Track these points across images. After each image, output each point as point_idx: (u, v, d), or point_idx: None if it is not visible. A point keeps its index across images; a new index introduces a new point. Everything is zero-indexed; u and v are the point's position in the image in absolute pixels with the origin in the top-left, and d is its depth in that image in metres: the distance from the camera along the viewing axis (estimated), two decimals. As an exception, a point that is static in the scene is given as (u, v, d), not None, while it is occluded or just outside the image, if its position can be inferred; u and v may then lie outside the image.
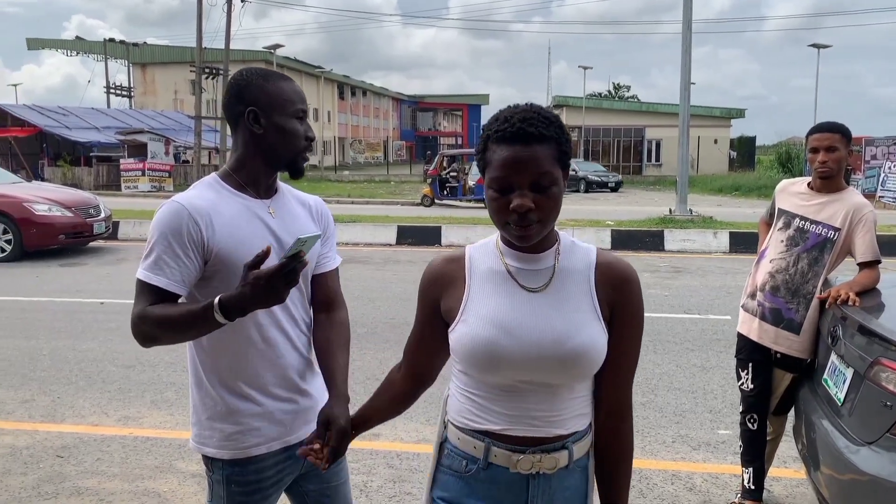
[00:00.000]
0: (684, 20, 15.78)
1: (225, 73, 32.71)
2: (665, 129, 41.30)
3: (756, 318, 3.37)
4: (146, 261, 1.72)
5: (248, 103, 1.77)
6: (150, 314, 1.67)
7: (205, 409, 1.85)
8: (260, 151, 1.80)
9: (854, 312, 2.83)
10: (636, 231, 13.80)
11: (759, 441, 3.45)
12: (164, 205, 1.75)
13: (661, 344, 6.62)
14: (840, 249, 3.20)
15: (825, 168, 3.21)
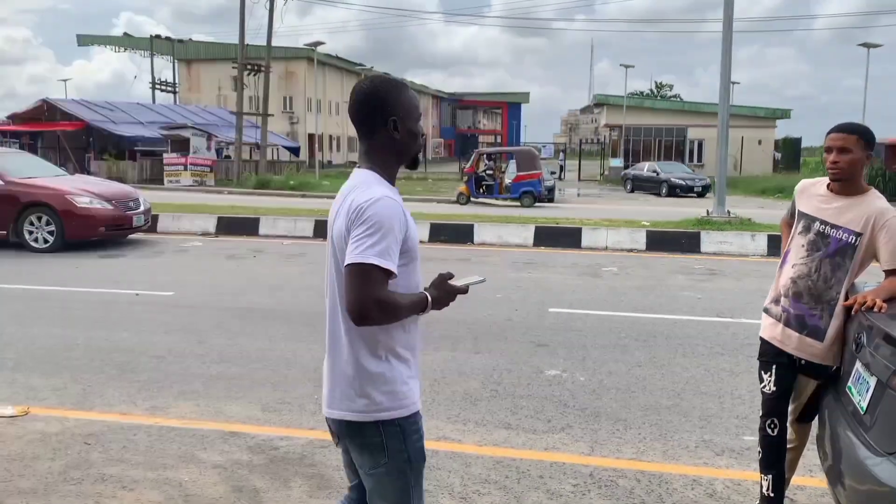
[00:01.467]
0: (725, 18, 15.50)
1: (266, 69, 33.11)
2: (707, 129, 40.52)
3: (780, 323, 3.29)
4: (375, 247, 1.95)
5: (390, 113, 2.09)
6: (387, 298, 1.97)
7: (377, 381, 2.09)
8: (396, 152, 2.15)
9: (879, 320, 2.76)
10: (672, 232, 13.60)
11: (779, 447, 3.37)
12: (381, 200, 2.00)
13: (689, 347, 6.52)
14: (864, 255, 3.11)
15: (835, 169, 3.12)
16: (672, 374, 5.77)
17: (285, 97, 56.01)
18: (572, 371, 5.78)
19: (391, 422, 2.10)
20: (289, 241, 13.86)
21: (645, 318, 7.64)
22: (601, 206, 23.87)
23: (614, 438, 4.49)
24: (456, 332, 6.94)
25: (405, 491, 2.15)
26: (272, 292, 8.81)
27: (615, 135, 47.46)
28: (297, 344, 6.50)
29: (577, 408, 5.00)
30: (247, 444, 4.32)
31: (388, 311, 2.00)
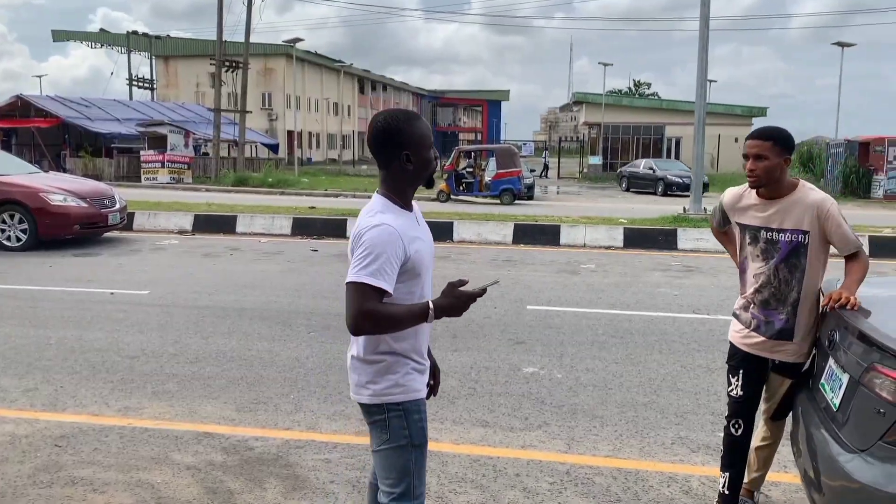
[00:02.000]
0: (701, 17, 15.61)
1: (245, 66, 32.85)
2: (685, 126, 40.75)
3: (749, 329, 3.31)
4: (368, 268, 2.18)
5: (403, 147, 2.29)
6: (378, 311, 2.18)
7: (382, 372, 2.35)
8: (409, 179, 2.34)
9: (851, 317, 2.77)
10: (649, 229, 13.68)
11: (741, 448, 3.37)
12: (379, 227, 2.22)
13: (666, 344, 6.55)
14: (816, 248, 3.14)
15: (752, 176, 3.14)
16: (648, 370, 5.80)
17: (264, 94, 55.63)
18: (550, 368, 5.78)
19: (395, 404, 2.35)
20: (266, 239, 13.76)
21: (622, 315, 7.67)
22: (580, 203, 23.98)
23: (591, 436, 4.49)
24: (433, 330, 6.88)
25: (406, 469, 2.36)
26: (248, 291, 8.74)
27: (594, 132, 47.63)
28: (273, 343, 6.45)
29: (554, 405, 5.00)
30: (221, 445, 4.27)
31: (381, 323, 2.22)
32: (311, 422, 4.66)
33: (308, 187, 28.47)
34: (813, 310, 3.20)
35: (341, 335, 6.71)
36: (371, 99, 73.52)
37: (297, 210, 16.68)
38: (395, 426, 2.35)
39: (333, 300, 8.23)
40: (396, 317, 2.23)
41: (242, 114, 33.11)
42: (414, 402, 2.39)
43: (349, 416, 4.74)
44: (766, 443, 3.50)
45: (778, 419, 3.45)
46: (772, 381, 3.35)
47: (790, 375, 3.31)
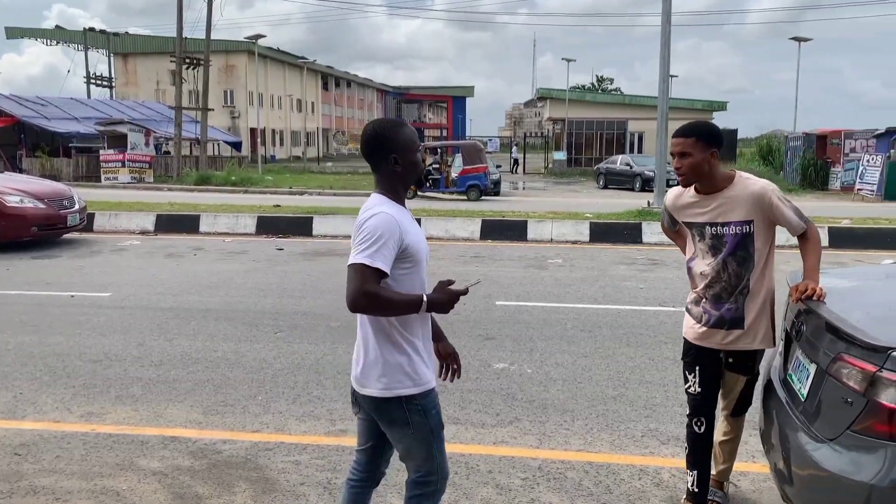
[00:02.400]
0: (663, 12, 15.76)
1: (206, 63, 32.36)
2: (647, 121, 41.26)
3: (702, 324, 3.29)
4: (367, 251, 2.37)
5: (390, 151, 2.53)
6: (376, 292, 2.36)
7: (398, 365, 2.53)
8: (400, 179, 2.58)
9: (817, 308, 2.80)
10: (614, 224, 13.79)
11: (706, 444, 3.36)
12: (378, 215, 2.43)
13: (633, 336, 6.60)
14: (763, 235, 3.14)
15: (679, 174, 3.15)
16: (617, 363, 5.83)
17: (226, 91, 54.96)
18: (520, 363, 5.78)
19: (416, 397, 2.55)
20: (230, 238, 13.58)
21: (590, 309, 7.72)
22: (546, 198, 24.10)
23: (562, 430, 4.50)
24: (403, 328, 6.88)
25: (430, 453, 2.62)
26: (213, 291, 8.61)
27: (558, 128, 47.89)
28: (239, 344, 6.35)
29: (525, 400, 5.00)
30: (188, 449, 4.19)
31: (377, 303, 2.40)
32: (280, 423, 4.59)
33: (272, 185, 28.18)
34: (766, 297, 3.21)
35: (308, 335, 6.64)
36: (335, 95, 73.04)
37: (261, 209, 16.49)
38: (416, 420, 2.56)
39: (300, 299, 8.15)
40: (392, 301, 2.42)
41: (204, 111, 32.64)
42: (429, 394, 2.59)
43: (318, 416, 4.69)
44: (729, 437, 3.50)
45: (738, 415, 3.46)
46: (727, 379, 3.36)
47: (744, 372, 3.32)
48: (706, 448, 3.38)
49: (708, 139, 3.10)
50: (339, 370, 5.61)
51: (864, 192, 23.41)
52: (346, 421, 4.60)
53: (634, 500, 3.63)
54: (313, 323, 7.08)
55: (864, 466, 2.30)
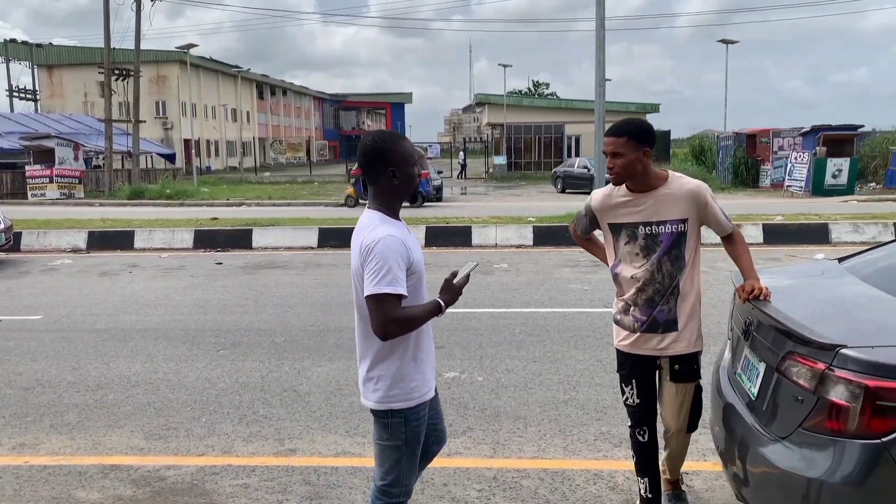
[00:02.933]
0: (597, 17, 15.99)
1: (136, 73, 31.50)
2: (583, 125, 41.96)
3: (635, 333, 3.21)
4: (385, 279, 2.44)
5: (388, 164, 2.55)
6: (402, 316, 2.47)
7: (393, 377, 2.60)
8: (396, 193, 2.61)
9: (764, 307, 2.83)
10: (557, 227, 13.90)
11: (651, 451, 3.33)
12: (385, 238, 2.47)
13: (581, 339, 6.64)
14: (695, 235, 3.12)
15: (612, 174, 3.10)
16: (566, 367, 5.85)
17: (158, 102, 53.64)
18: (470, 372, 5.75)
19: (398, 411, 2.61)
20: (167, 253, 13.21)
21: (537, 313, 7.74)
22: (489, 203, 24.21)
23: (516, 438, 4.47)
24: (350, 341, 6.76)
25: (398, 463, 2.67)
26: (151, 310, 8.33)
27: (497, 133, 48.26)
28: (180, 364, 6.15)
29: (478, 409, 4.96)
30: (130, 477, 4.01)
31: (406, 325, 2.52)
32: (227, 445, 4.44)
33: (208, 197, 27.57)
34: (696, 298, 3.16)
35: (253, 352, 6.47)
36: (271, 104, 72.06)
37: (198, 222, 16.10)
38: (394, 430, 2.64)
39: (242, 315, 7.95)
40: (418, 317, 2.54)
41: (136, 124, 31.74)
42: (413, 409, 2.63)
43: (266, 436, 4.55)
44: (677, 448, 3.42)
45: (693, 430, 3.36)
46: (676, 392, 3.24)
47: (692, 377, 3.23)
48: (653, 454, 3.36)
49: (639, 138, 3.04)
50: (286, 387, 5.48)
51: (793, 189, 24.22)
52: (294, 440, 4.49)
53: (590, 505, 3.62)
54: (257, 339, 6.91)
55: (815, 463, 2.33)
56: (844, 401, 2.26)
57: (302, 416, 4.90)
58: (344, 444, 4.41)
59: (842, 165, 23.58)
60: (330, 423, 4.75)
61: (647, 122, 3.20)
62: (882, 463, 2.20)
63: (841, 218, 14.26)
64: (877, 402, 2.20)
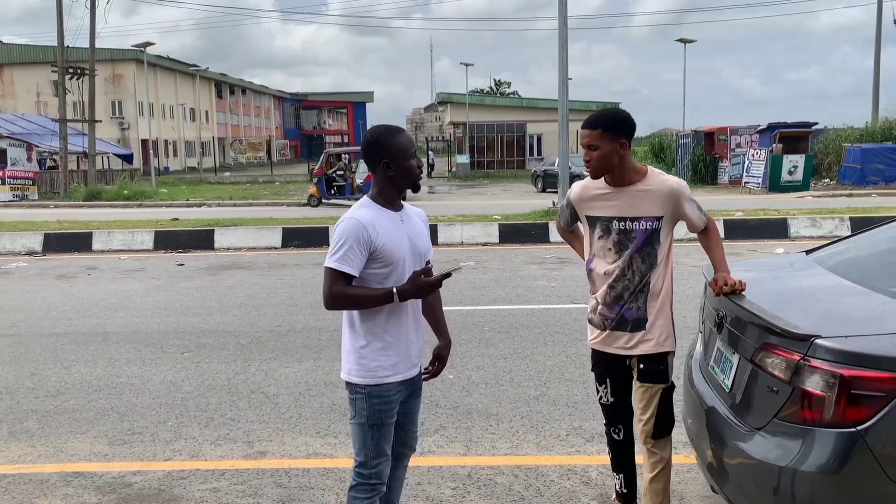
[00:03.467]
0: (560, 17, 16.09)
1: (91, 72, 30.80)
2: (545, 123, 42.25)
3: (605, 331, 3.14)
4: (335, 255, 2.59)
5: (383, 156, 2.67)
6: (343, 292, 2.60)
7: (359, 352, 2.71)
8: (391, 184, 2.71)
9: (737, 299, 2.85)
10: (522, 224, 13.98)
11: (627, 448, 3.30)
12: (346, 220, 2.63)
13: (550, 336, 6.66)
14: (668, 232, 3.04)
15: (588, 167, 3.02)
16: (536, 363, 5.86)
17: (114, 102, 52.59)
18: (440, 370, 5.71)
19: (361, 386, 2.71)
20: (127, 255, 12.94)
21: (505, 310, 7.75)
22: (453, 202, 24.21)
23: (488, 435, 4.46)
24: (318, 341, 6.71)
25: (364, 443, 2.75)
26: (112, 313, 8.14)
27: (460, 132, 48.34)
28: (144, 367, 6.01)
29: (449, 407, 4.94)
30: (94, 484, 3.90)
31: (345, 301, 2.63)
32: (194, 449, 4.35)
33: (168, 198, 27.11)
34: (666, 297, 3.07)
35: (218, 354, 6.36)
36: (230, 103, 71.12)
37: (158, 223, 15.81)
38: (359, 406, 2.73)
39: (206, 316, 7.81)
40: (359, 297, 2.63)
41: (91, 123, 31.05)
42: (377, 386, 2.70)
43: (235, 439, 4.47)
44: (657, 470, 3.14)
45: (660, 436, 3.14)
46: (643, 394, 3.11)
47: (657, 379, 3.08)
48: (629, 452, 3.31)
49: (615, 129, 2.95)
50: (254, 389, 5.39)
51: (751, 185, 24.69)
52: (264, 442, 4.41)
53: (565, 500, 3.62)
54: (222, 341, 6.79)
55: (791, 453, 2.35)
56: (819, 390, 2.28)
57: (271, 417, 4.83)
58: (315, 445, 4.35)
59: (797, 162, 24.09)
60: (300, 425, 4.68)
61: (626, 112, 3.08)
62: (857, 451, 2.23)
63: (799, 213, 14.57)
64: (851, 391, 2.23)
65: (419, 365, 2.87)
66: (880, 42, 32.16)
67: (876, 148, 25.42)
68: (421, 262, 2.81)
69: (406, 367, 2.77)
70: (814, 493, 2.31)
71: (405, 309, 2.74)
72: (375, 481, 2.77)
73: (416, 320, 2.82)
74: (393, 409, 2.76)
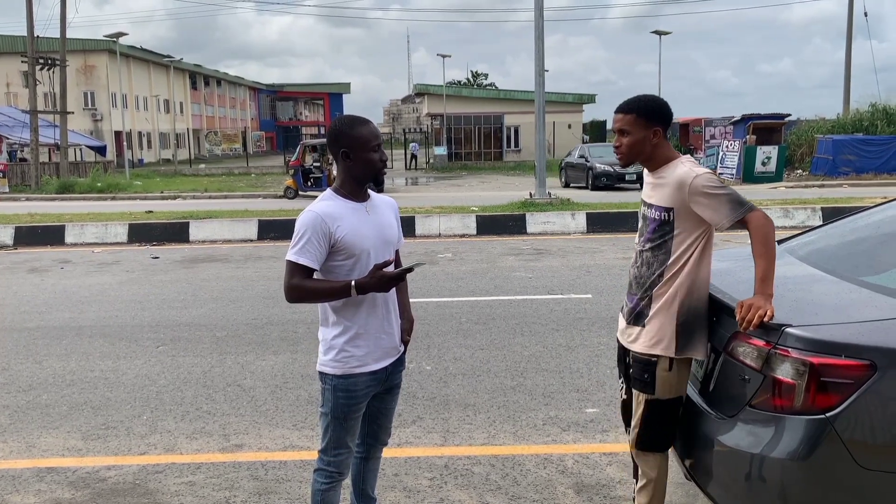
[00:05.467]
0: (536, 7, 16.11)
1: (62, 63, 30.30)
2: (522, 115, 42.29)
3: (622, 319, 2.99)
4: (294, 248, 2.59)
5: (342, 146, 2.66)
6: (301, 284, 2.59)
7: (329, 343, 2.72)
8: (352, 175, 2.70)
9: (712, 289, 2.88)
10: (500, 216, 14.00)
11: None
12: (304, 213, 2.63)
13: (527, 326, 6.69)
14: (687, 228, 2.72)
15: (618, 153, 2.86)
16: (513, 353, 5.89)
17: (86, 93, 51.79)
18: (418, 361, 5.72)
19: (329, 376, 2.73)
20: (100, 248, 12.78)
21: (483, 301, 7.77)
22: (430, 193, 24.18)
23: (465, 425, 4.47)
24: (295, 333, 6.68)
25: (326, 431, 2.79)
26: (85, 306, 8.04)
27: (437, 123, 48.24)
28: (118, 361, 5.95)
29: (427, 398, 4.95)
30: (67, 480, 3.86)
31: (303, 294, 2.62)
32: (170, 443, 4.32)
33: (142, 191, 26.79)
34: (678, 303, 2.74)
35: (194, 347, 6.32)
36: (205, 94, 70.38)
37: (132, 216, 15.64)
38: (327, 396, 2.76)
39: (181, 310, 7.74)
40: (317, 290, 2.63)
41: (63, 115, 30.57)
42: (345, 378, 2.71)
43: (211, 433, 4.44)
44: (643, 482, 2.93)
45: (643, 448, 2.90)
46: (634, 397, 2.90)
47: (639, 387, 2.83)
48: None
49: (649, 116, 2.76)
50: (230, 382, 5.36)
51: (725, 176, 24.93)
52: (240, 435, 4.39)
53: (541, 489, 3.65)
54: (198, 334, 6.74)
55: (762, 440, 2.39)
56: (790, 378, 2.32)
57: (247, 410, 4.80)
58: (291, 438, 4.34)
59: (770, 153, 24.37)
60: (276, 417, 4.67)
61: (663, 99, 2.87)
62: (826, 438, 2.27)
63: (772, 203, 14.73)
64: (821, 379, 2.27)
65: (396, 358, 2.85)
66: (851, 34, 32.53)
67: (847, 139, 25.78)
68: (392, 251, 2.80)
69: (377, 359, 2.76)
70: (784, 479, 2.35)
71: (377, 300, 2.72)
72: (333, 470, 2.80)
73: (388, 311, 2.79)
74: (359, 403, 2.76)
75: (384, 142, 2.85)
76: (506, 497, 3.57)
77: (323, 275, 2.68)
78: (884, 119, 27.58)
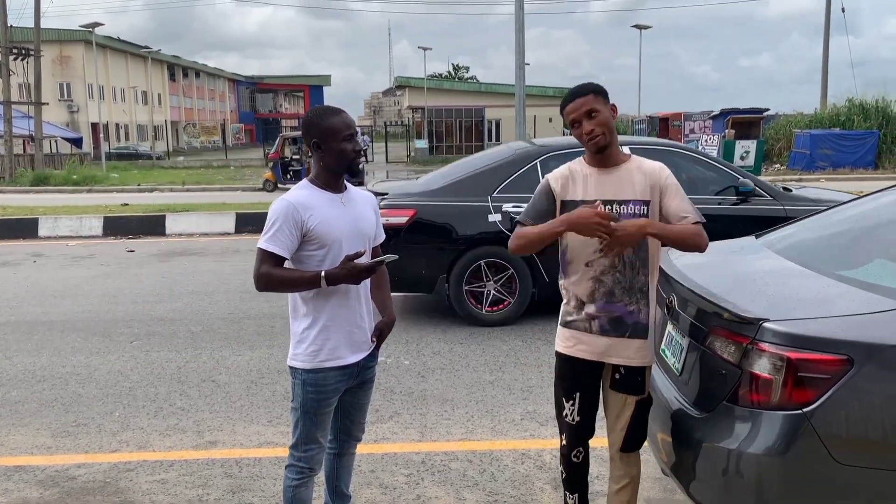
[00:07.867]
0: (516, 1, 16.05)
1: (37, 53, 29.80)
2: (503, 109, 42.26)
3: (591, 333, 2.73)
4: (265, 236, 2.58)
5: (313, 136, 2.65)
6: (270, 273, 2.57)
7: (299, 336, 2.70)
8: (325, 165, 2.68)
9: (687, 283, 2.86)
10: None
11: (584, 470, 2.94)
12: (277, 201, 2.61)
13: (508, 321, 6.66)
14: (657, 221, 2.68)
15: (597, 136, 2.63)
16: (492, 348, 5.86)
17: (62, 84, 51.14)
18: (397, 356, 5.67)
19: (299, 370, 2.71)
20: (75, 241, 12.58)
21: (462, 296, 7.71)
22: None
23: (443, 420, 4.44)
24: (271, 328, 6.60)
25: (296, 425, 2.76)
26: (58, 301, 7.90)
27: (418, 116, 48.11)
28: (91, 357, 5.85)
29: (404, 393, 4.90)
30: (36, 478, 3.77)
31: (273, 282, 2.59)
32: (142, 440, 4.24)
33: (119, 183, 26.47)
34: (654, 300, 2.75)
35: (168, 342, 6.22)
36: (183, 86, 69.73)
37: (108, 209, 15.43)
38: (296, 391, 2.74)
39: (156, 304, 7.63)
40: (286, 279, 2.61)
41: (38, 106, 30.10)
42: (314, 372, 2.68)
43: (184, 429, 4.37)
44: (624, 482, 2.89)
45: (630, 450, 2.86)
46: (613, 403, 2.82)
47: (633, 390, 2.77)
48: (586, 471, 2.95)
49: (605, 94, 2.68)
50: (204, 377, 5.28)
51: (704, 171, 25.06)
52: (214, 432, 4.32)
53: (519, 484, 3.62)
54: (172, 329, 6.64)
55: (739, 435, 2.37)
56: (767, 373, 2.30)
57: (222, 406, 4.73)
58: (266, 434, 4.28)
59: (749, 147, 24.52)
60: (251, 413, 4.60)
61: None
62: (803, 433, 2.25)
63: (750, 198, 14.81)
64: (798, 374, 2.25)
65: (368, 353, 2.81)
66: (829, 30, 32.83)
67: (824, 134, 26.03)
68: (366, 244, 2.76)
69: (347, 353, 2.72)
70: (761, 474, 2.33)
71: (350, 293, 2.69)
72: (304, 465, 2.77)
73: (360, 305, 2.76)
74: (328, 398, 2.73)
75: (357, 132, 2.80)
76: (483, 493, 3.54)
77: (294, 264, 2.64)
78: (860, 114, 27.85)
